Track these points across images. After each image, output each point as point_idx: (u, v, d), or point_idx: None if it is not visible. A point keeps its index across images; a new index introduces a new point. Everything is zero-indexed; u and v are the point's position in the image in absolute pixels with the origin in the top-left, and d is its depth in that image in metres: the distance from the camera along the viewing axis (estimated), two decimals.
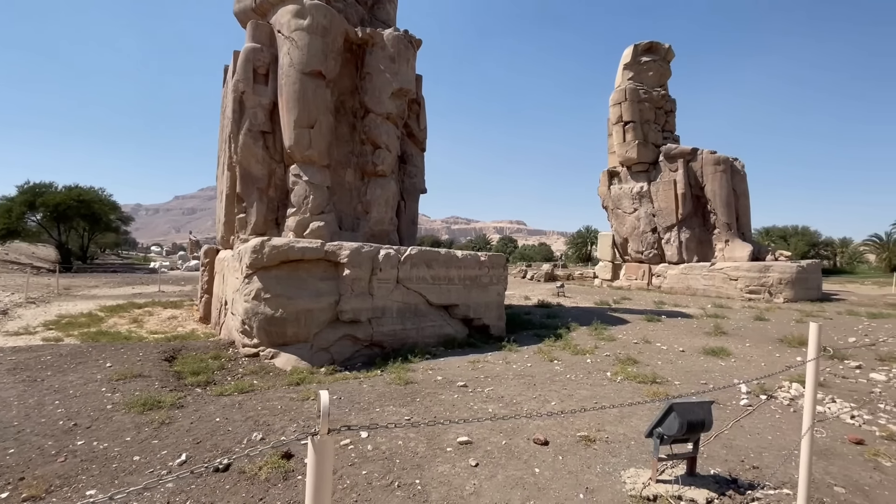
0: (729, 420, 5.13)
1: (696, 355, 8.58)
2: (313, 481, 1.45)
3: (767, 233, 49.14)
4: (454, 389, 6.07)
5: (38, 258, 39.15)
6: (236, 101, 10.42)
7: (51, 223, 36.35)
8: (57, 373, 6.46)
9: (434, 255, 9.43)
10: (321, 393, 1.50)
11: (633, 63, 25.41)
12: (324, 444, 1.48)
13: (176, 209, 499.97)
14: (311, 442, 1.45)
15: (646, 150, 24.28)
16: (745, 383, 6.60)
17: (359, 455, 4.03)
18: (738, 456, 4.21)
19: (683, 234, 23.12)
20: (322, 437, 1.46)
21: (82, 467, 3.68)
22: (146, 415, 4.83)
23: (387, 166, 11.31)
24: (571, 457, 4.08)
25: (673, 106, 26.25)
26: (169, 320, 12.05)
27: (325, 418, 1.45)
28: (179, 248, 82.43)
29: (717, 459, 4.11)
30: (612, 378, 6.78)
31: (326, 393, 1.54)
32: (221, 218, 11.76)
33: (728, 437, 4.62)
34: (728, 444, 4.45)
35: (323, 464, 1.48)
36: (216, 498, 3.30)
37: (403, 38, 11.61)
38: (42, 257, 40.16)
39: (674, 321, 12.83)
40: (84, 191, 38.31)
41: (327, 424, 1.45)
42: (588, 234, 60.66)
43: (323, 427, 1.44)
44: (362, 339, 8.26)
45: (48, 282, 21.87)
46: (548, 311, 14.83)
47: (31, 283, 19.96)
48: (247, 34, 10.89)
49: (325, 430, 1.45)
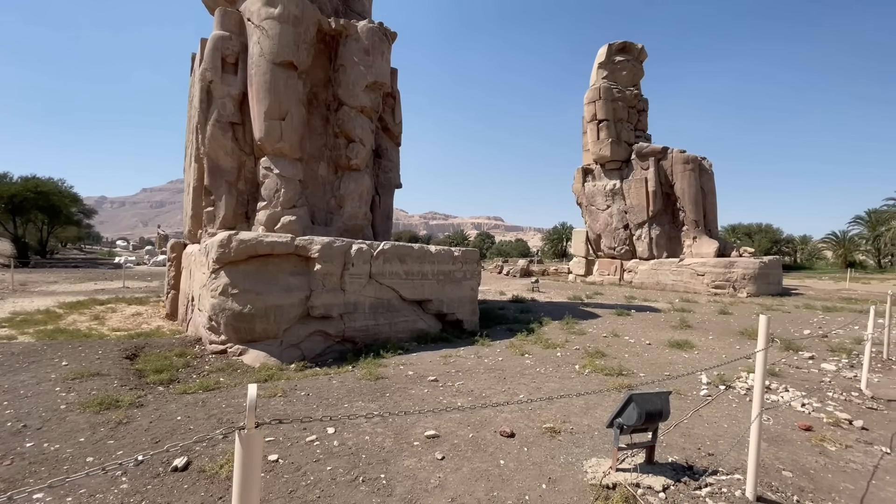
0: (689, 410, 5.31)
1: (661, 348, 8.85)
2: (240, 477, 1.42)
3: (734, 230, 51.06)
4: (425, 384, 6.08)
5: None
6: (204, 90, 10.09)
7: (5, 216, 34.51)
8: (7, 372, 6.14)
9: (407, 250, 9.40)
10: (249, 387, 1.47)
11: (607, 62, 25.85)
12: (251, 439, 1.44)
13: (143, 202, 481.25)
14: (238, 436, 1.42)
15: (619, 149, 24.78)
16: (705, 374, 6.86)
17: (324, 451, 4.00)
18: (695, 444, 4.37)
19: (654, 230, 23.75)
20: (249, 432, 1.42)
21: (30, 470, 3.52)
22: (102, 414, 4.66)
23: (361, 160, 11.18)
24: (536, 448, 4.15)
25: (645, 105, 26.85)
26: (133, 317, 11.64)
27: (252, 412, 1.41)
28: (147, 243, 79.55)
29: (675, 448, 4.26)
30: (580, 371, 6.93)
31: (254, 387, 1.50)
32: (188, 211, 11.40)
33: (687, 426, 4.79)
34: (686, 433, 4.61)
35: (250, 459, 1.45)
36: (173, 498, 3.22)
37: (378, 31, 11.46)
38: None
39: (643, 315, 13.19)
40: (42, 182, 36.51)
41: (254, 418, 1.41)
42: (563, 230, 61.63)
43: (249, 421, 1.40)
44: (334, 335, 8.18)
45: (2, 277, 20.76)
46: (522, 306, 15.02)
47: None
48: (215, 21, 10.54)
49: (251, 423, 1.42)
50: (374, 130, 11.87)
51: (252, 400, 1.45)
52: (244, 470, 1.46)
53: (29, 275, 23.86)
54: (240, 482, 1.45)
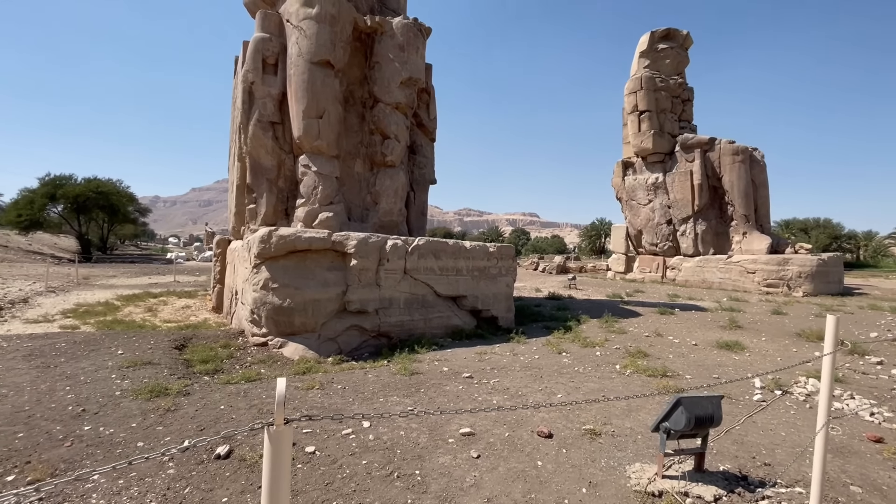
0: (741, 415, 4.98)
1: (709, 349, 8.39)
2: (269, 475, 1.39)
3: (787, 225, 47.92)
4: (459, 381, 6.02)
5: (60, 248, 40.17)
6: (246, 91, 10.42)
7: (71, 214, 37.24)
8: (70, 360, 6.59)
9: (442, 245, 9.36)
10: (278, 381, 1.44)
11: (649, 51, 24.78)
12: (280, 435, 1.41)
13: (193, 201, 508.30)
14: (266, 432, 1.39)
15: (661, 140, 23.74)
16: (759, 378, 6.42)
17: (360, 445, 4.01)
18: (749, 452, 4.08)
19: (699, 225, 22.62)
20: (278, 428, 1.39)
21: (87, 452, 3.73)
22: (153, 401, 4.89)
23: (396, 156, 11.23)
24: (576, 450, 4.00)
25: (690, 95, 25.57)
26: (182, 310, 12.24)
27: (281, 408, 1.38)
28: (196, 239, 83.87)
29: (727, 455, 3.99)
30: (620, 371, 6.66)
31: (283, 382, 1.47)
32: (232, 209, 11.86)
33: (739, 433, 4.48)
34: (739, 441, 4.31)
35: (279, 455, 1.41)
36: (216, 485, 3.31)
37: (413, 27, 11.45)
38: (63, 248, 41.20)
39: (687, 314, 12.58)
40: (103, 183, 39.12)
41: (283, 414, 1.38)
42: (601, 226, 59.89)
43: (279, 417, 1.37)
44: (369, 330, 8.26)
45: (68, 271, 22.41)
46: (558, 303, 14.68)
47: (51, 272, 20.48)
48: (256, 24, 10.85)
49: (280, 419, 1.38)
50: (409, 126, 11.89)
51: (281, 395, 1.42)
52: (273, 466, 1.43)
53: (91, 269, 25.68)
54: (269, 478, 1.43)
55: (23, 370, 6.01)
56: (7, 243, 34.26)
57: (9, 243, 34.58)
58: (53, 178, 37.50)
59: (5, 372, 5.89)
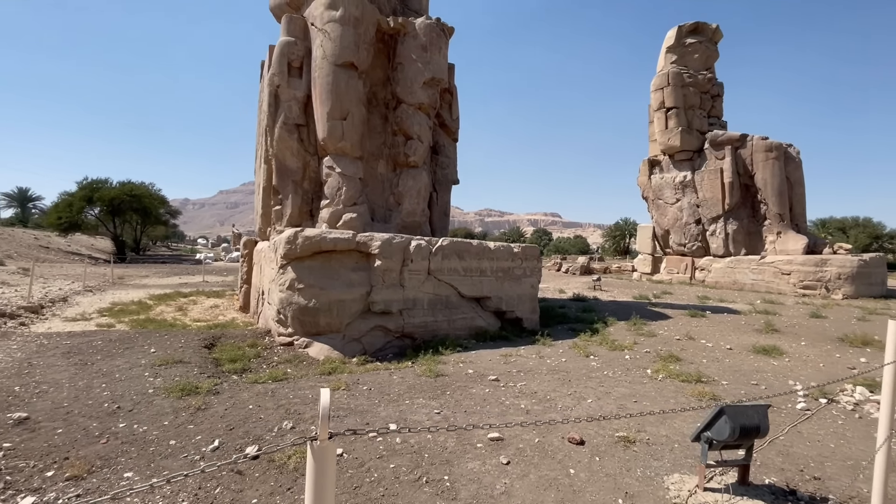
0: (784, 425, 4.71)
1: (745, 353, 8.04)
2: (313, 491, 1.32)
3: (824, 224, 45.91)
4: (485, 383, 5.92)
5: (96, 249, 41.87)
6: (272, 94, 10.58)
7: (107, 216, 38.77)
8: (106, 357, 6.79)
9: (466, 246, 9.28)
10: (322, 392, 1.37)
11: (676, 45, 24.10)
12: (324, 451, 1.34)
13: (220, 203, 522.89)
14: (309, 448, 1.32)
15: (690, 138, 23.05)
16: (801, 385, 6.10)
17: (387, 448, 3.97)
18: (797, 465, 3.85)
19: (730, 225, 21.86)
20: (322, 444, 1.32)
21: (122, 449, 3.80)
22: (184, 400, 4.97)
23: (419, 157, 11.21)
24: (609, 458, 3.85)
25: (720, 90, 24.76)
26: (211, 309, 12.52)
27: (326, 422, 1.31)
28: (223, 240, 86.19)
29: (773, 468, 3.77)
30: (652, 376, 6.43)
31: (327, 393, 1.40)
32: (259, 210, 12.06)
33: (784, 444, 4.25)
34: (784, 452, 4.08)
35: (323, 473, 1.34)
36: (245, 485, 3.32)
37: (435, 27, 11.42)
38: (100, 249, 42.92)
39: (720, 317, 12.13)
40: (136, 186, 40.61)
41: (328, 428, 1.31)
42: (626, 226, 58.68)
43: (322, 431, 1.30)
44: (393, 331, 8.25)
45: (104, 271, 23.30)
46: (584, 304, 14.39)
47: (88, 272, 21.32)
48: (281, 28, 11.02)
49: (325, 434, 1.31)
50: (432, 127, 11.86)
51: (325, 409, 1.35)
52: (316, 482, 1.36)
53: (125, 269, 26.64)
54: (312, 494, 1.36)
55: (62, 367, 6.22)
56: (48, 244, 35.90)
57: (50, 244, 36.24)
58: (90, 182, 39.15)
59: (46, 369, 6.11)
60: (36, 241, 35.63)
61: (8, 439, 3.93)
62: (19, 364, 6.27)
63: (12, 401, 4.87)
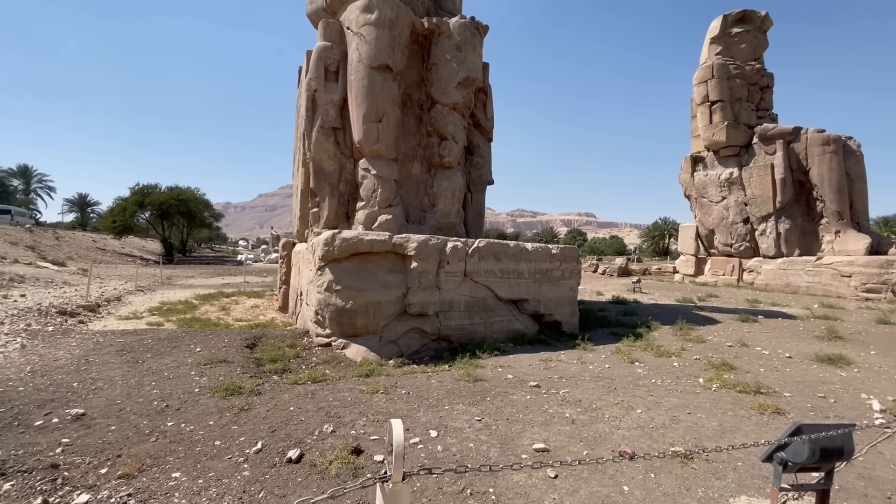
0: (861, 444, 4.28)
1: (807, 362, 7.45)
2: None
3: (887, 223, 42.54)
4: (526, 390, 5.72)
5: (147, 251, 44.23)
6: (309, 99, 10.77)
7: (156, 220, 40.91)
8: (155, 356, 7.04)
9: (503, 247, 9.09)
10: (393, 423, 1.24)
11: (721, 35, 22.92)
12: (397, 496, 1.18)
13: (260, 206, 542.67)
14: (379, 490, 1.18)
15: (736, 132, 21.86)
16: (876, 399, 5.56)
17: (428, 455, 3.86)
18: (882, 490, 3.46)
19: (782, 224, 20.56)
20: (396, 486, 1.16)
21: (170, 448, 3.87)
22: (228, 400, 5.05)
23: (453, 157, 11.11)
24: (666, 475, 3.59)
25: (770, 81, 23.35)
26: (252, 309, 12.87)
27: (401, 461, 1.17)
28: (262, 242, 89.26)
29: (854, 493, 3.41)
30: (705, 385, 6.04)
31: (400, 426, 1.27)
32: (297, 212, 12.31)
33: (865, 466, 3.84)
34: (866, 475, 3.69)
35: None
36: (288, 490, 3.29)
37: (470, 26, 11.29)
38: (150, 250, 45.31)
39: (774, 322, 11.37)
40: (183, 191, 42.64)
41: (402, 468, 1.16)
42: (666, 225, 56.53)
43: (397, 472, 1.16)
44: (429, 333, 8.17)
45: (154, 272, 24.51)
46: (624, 307, 13.86)
47: (140, 273, 22.50)
48: (318, 33, 11.20)
49: (399, 475, 1.17)
50: (466, 127, 11.73)
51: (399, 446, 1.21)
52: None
53: (173, 270, 27.96)
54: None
55: (115, 364, 6.49)
56: (104, 247, 38.23)
57: (106, 247, 38.57)
58: (142, 188, 41.43)
59: (101, 366, 6.39)
60: (94, 243, 38.02)
61: (67, 434, 4.09)
62: (78, 361, 6.59)
63: (71, 397, 5.09)
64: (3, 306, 10.40)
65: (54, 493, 3.16)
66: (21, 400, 4.90)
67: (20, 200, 54.81)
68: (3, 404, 4.74)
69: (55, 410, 4.64)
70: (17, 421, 4.35)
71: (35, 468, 3.45)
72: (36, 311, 10.05)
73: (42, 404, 4.80)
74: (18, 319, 9.14)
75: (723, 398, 5.52)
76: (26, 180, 58.10)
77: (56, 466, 3.49)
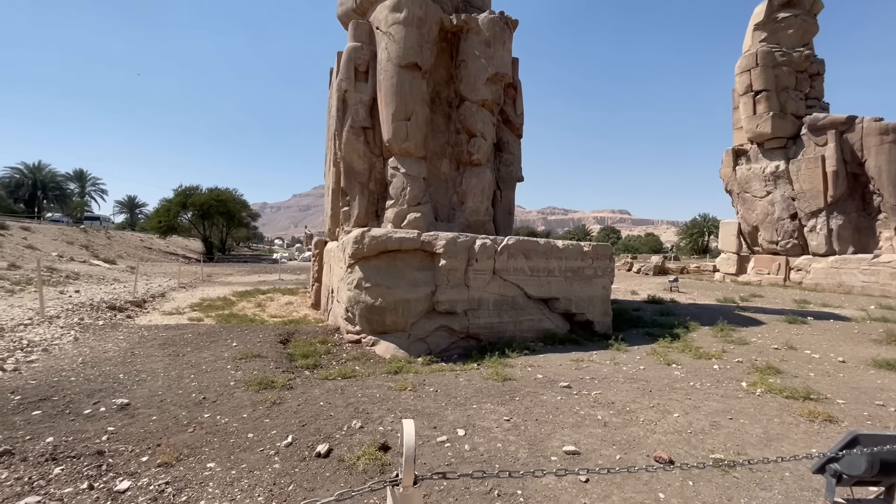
0: None
1: (862, 367, 6.94)
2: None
3: None
4: (556, 390, 5.59)
5: (189, 249, 46.34)
6: (340, 99, 10.92)
7: (198, 220, 42.81)
8: (195, 350, 7.33)
9: (533, 245, 8.93)
10: (404, 424, 1.19)
11: (766, 21, 21.71)
12: (409, 500, 1.13)
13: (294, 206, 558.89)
14: (390, 493, 1.12)
15: (783, 123, 20.66)
16: None
17: (455, 454, 3.82)
18: None
19: (834, 220, 19.29)
20: (406, 490, 1.11)
21: (206, 439, 4.00)
22: (261, 393, 5.18)
23: (482, 155, 11.01)
24: (705, 484, 3.41)
25: (820, 68, 21.95)
26: (286, 306, 13.23)
27: (411, 464, 1.12)
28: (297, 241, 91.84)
29: None
30: (748, 389, 5.72)
31: (411, 426, 1.22)
32: (328, 211, 12.53)
33: None
34: None
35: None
36: (316, 484, 3.33)
37: (499, 21, 11.14)
38: (192, 249, 47.45)
39: (825, 324, 10.68)
40: (222, 192, 44.42)
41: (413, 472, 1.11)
42: (705, 222, 54.28)
43: (407, 476, 1.10)
44: (458, 331, 8.13)
45: (195, 270, 25.64)
46: (660, 307, 13.37)
47: (182, 270, 23.57)
48: (348, 34, 11.33)
49: (409, 479, 1.12)
50: (496, 124, 11.60)
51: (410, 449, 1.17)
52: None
53: (213, 268, 29.16)
54: None
55: (158, 357, 6.80)
56: (151, 245, 40.33)
57: (152, 245, 40.68)
58: (184, 189, 43.43)
59: (145, 359, 6.71)
60: (141, 242, 40.17)
61: (112, 423, 4.30)
62: (124, 353, 6.95)
63: (117, 387, 5.36)
64: (60, 301, 11.11)
65: (99, 478, 3.32)
66: (73, 389, 5.20)
67: (76, 203, 58.61)
68: (57, 393, 5.05)
69: (102, 400, 4.89)
70: (68, 409, 4.62)
71: (83, 454, 3.64)
72: (88, 307, 10.68)
73: (91, 394, 5.08)
74: (72, 314, 9.73)
75: (768, 404, 5.20)
76: (82, 184, 61.99)
77: (101, 453, 3.67)
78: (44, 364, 6.22)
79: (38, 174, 50.86)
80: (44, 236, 28.12)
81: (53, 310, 9.85)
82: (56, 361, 6.38)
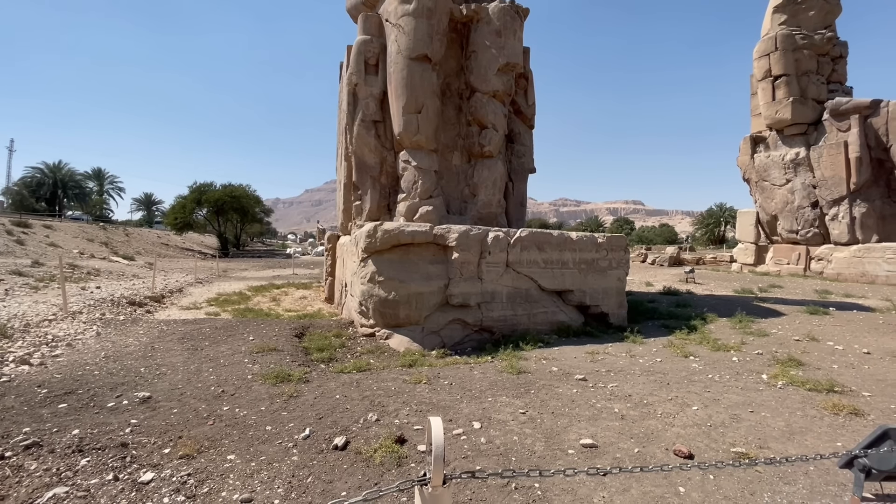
0: None
1: (888, 359, 6.75)
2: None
3: None
4: (572, 383, 5.55)
5: (205, 245, 47.09)
6: (350, 93, 10.91)
7: (212, 216, 43.38)
8: (213, 344, 7.45)
9: (546, 237, 8.85)
10: (432, 421, 1.18)
11: (786, 3, 21.04)
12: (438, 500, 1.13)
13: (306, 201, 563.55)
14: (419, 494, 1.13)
15: (803, 108, 20.08)
16: None
17: (471, 447, 3.82)
18: None
19: (858, 208, 18.75)
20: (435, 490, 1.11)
21: (225, 432, 4.06)
22: (278, 387, 5.24)
23: (494, 146, 10.91)
24: (727, 478, 3.35)
25: (843, 51, 21.25)
26: (300, 300, 13.36)
27: (440, 464, 1.11)
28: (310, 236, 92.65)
29: None
30: (769, 382, 5.61)
31: (439, 423, 1.21)
32: (340, 206, 12.58)
33: None
34: None
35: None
36: (334, 477, 3.35)
37: (510, 9, 10.98)
38: (208, 245, 48.21)
39: (848, 315, 10.41)
40: (236, 188, 44.91)
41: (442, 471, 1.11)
42: (721, 212, 53.31)
43: (436, 475, 1.10)
44: (472, 324, 8.12)
45: (211, 265, 26.03)
46: (676, 298, 13.18)
47: (199, 266, 23.95)
48: (358, 27, 11.28)
49: (438, 479, 1.11)
50: (507, 115, 11.48)
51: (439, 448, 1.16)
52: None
53: (228, 263, 29.59)
54: None
55: (177, 351, 6.92)
56: (168, 242, 41.07)
57: (169, 242, 41.43)
58: (199, 186, 44.01)
59: (165, 353, 6.84)
60: (158, 238, 40.93)
61: (135, 416, 4.39)
62: (145, 348, 7.09)
63: (139, 381, 5.48)
64: (81, 297, 11.38)
65: (123, 469, 3.39)
66: (96, 383, 5.32)
67: (95, 201, 59.87)
68: (81, 386, 5.17)
69: (125, 393, 5.00)
70: (92, 402, 4.73)
71: (107, 446, 3.72)
72: (109, 302, 10.93)
73: (114, 387, 5.19)
74: (94, 309, 9.96)
75: (790, 396, 5.09)
76: (100, 182, 63.28)
77: (125, 445, 3.75)
78: (68, 358, 6.39)
79: (59, 173, 52.01)
80: (65, 234, 28.82)
81: (76, 305, 10.09)
82: (80, 356, 6.54)
